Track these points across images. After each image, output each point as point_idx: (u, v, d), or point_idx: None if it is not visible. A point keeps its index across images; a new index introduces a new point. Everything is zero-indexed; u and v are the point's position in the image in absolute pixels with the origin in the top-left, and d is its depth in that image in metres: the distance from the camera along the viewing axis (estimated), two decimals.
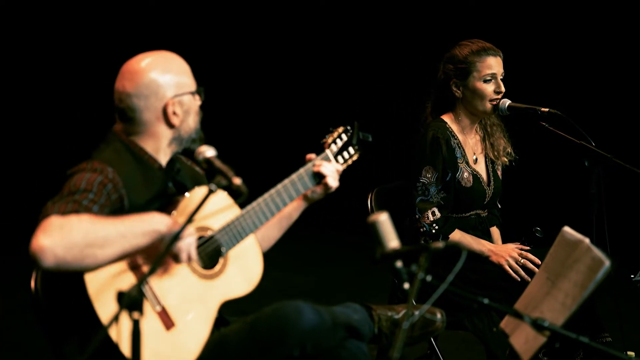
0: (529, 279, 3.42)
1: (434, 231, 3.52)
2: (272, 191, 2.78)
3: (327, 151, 2.92)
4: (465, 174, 3.62)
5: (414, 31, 7.17)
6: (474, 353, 4.17)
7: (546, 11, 6.56)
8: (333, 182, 2.89)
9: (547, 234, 3.39)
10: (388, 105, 7.25)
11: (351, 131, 2.97)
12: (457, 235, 3.53)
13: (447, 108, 3.69)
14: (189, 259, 2.54)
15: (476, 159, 3.70)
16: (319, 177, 2.88)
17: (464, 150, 3.65)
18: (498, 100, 3.58)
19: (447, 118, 3.68)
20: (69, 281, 2.44)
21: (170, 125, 2.67)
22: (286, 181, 2.82)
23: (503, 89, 3.58)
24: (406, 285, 2.37)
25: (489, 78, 3.57)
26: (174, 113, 2.66)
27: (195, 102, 2.73)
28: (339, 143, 2.95)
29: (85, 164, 2.56)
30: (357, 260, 6.13)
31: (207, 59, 7.30)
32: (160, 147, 2.69)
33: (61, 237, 2.33)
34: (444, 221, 3.54)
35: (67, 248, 2.34)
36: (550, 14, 6.53)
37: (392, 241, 2.39)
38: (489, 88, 3.58)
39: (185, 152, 2.80)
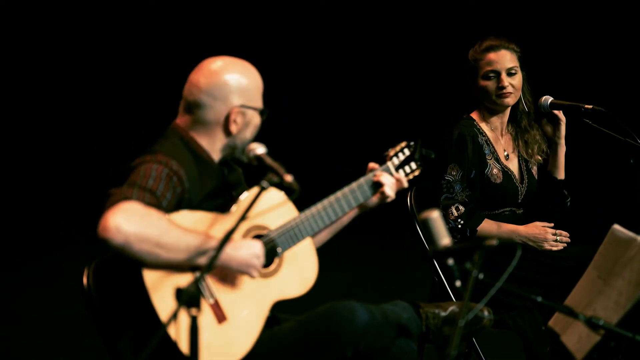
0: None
1: (459, 226, 3.52)
2: (332, 198, 2.78)
3: (389, 163, 2.92)
4: (495, 170, 3.62)
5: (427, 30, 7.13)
6: (509, 351, 4.16)
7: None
8: (390, 191, 2.87)
9: (593, 232, 3.38)
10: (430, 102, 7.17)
11: (414, 147, 2.97)
12: (485, 226, 3.54)
13: (473, 106, 3.70)
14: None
15: (507, 156, 3.70)
16: (376, 187, 2.87)
17: (493, 146, 3.65)
18: (506, 95, 3.56)
19: (475, 116, 3.69)
20: (124, 275, 2.45)
21: (227, 132, 2.67)
22: (346, 189, 2.82)
23: (505, 84, 3.55)
24: (458, 283, 2.36)
25: (491, 75, 3.57)
26: (235, 121, 2.66)
27: (258, 118, 2.73)
28: (401, 157, 2.95)
29: (149, 156, 2.55)
30: (388, 258, 6.14)
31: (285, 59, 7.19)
32: (213, 148, 2.69)
33: (139, 226, 2.35)
34: (468, 215, 3.54)
35: (140, 239, 2.36)
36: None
37: (444, 238, 2.39)
38: (490, 85, 3.58)
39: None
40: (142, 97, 6.76)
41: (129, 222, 2.34)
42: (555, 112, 3.61)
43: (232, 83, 2.65)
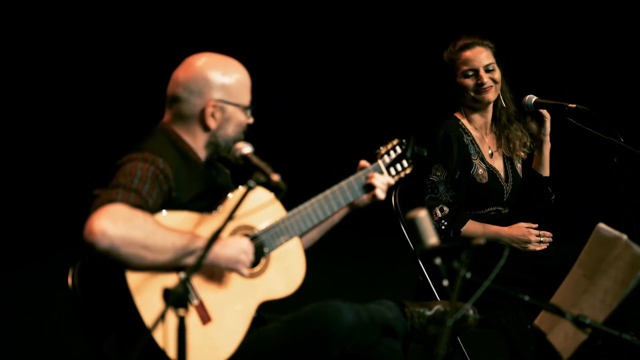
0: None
1: (443, 227, 3.54)
2: (321, 196, 2.78)
3: (380, 162, 2.93)
4: (480, 170, 3.64)
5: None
6: (494, 350, 4.17)
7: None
8: (381, 194, 2.90)
9: (577, 231, 3.40)
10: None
11: (406, 144, 2.97)
12: (469, 227, 3.56)
13: (454, 107, 3.73)
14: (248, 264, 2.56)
15: (492, 154, 3.72)
16: (368, 188, 2.88)
17: (478, 146, 3.67)
18: (486, 90, 3.59)
19: (459, 115, 3.71)
20: (109, 276, 2.44)
21: (205, 126, 2.68)
22: (336, 188, 2.82)
23: (485, 79, 3.59)
24: (445, 282, 2.37)
25: (469, 73, 3.60)
26: (212, 116, 2.66)
27: (241, 116, 2.72)
28: (392, 155, 2.96)
29: (135, 154, 2.56)
30: (373, 258, 6.15)
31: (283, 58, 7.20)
32: (196, 144, 2.70)
33: (125, 229, 2.34)
34: (452, 216, 3.56)
35: (126, 243, 2.35)
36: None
37: (432, 238, 2.40)
38: (469, 83, 3.61)
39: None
40: (141, 97, 6.76)
41: (115, 225, 2.33)
42: (540, 109, 3.65)
43: (210, 78, 2.66)
